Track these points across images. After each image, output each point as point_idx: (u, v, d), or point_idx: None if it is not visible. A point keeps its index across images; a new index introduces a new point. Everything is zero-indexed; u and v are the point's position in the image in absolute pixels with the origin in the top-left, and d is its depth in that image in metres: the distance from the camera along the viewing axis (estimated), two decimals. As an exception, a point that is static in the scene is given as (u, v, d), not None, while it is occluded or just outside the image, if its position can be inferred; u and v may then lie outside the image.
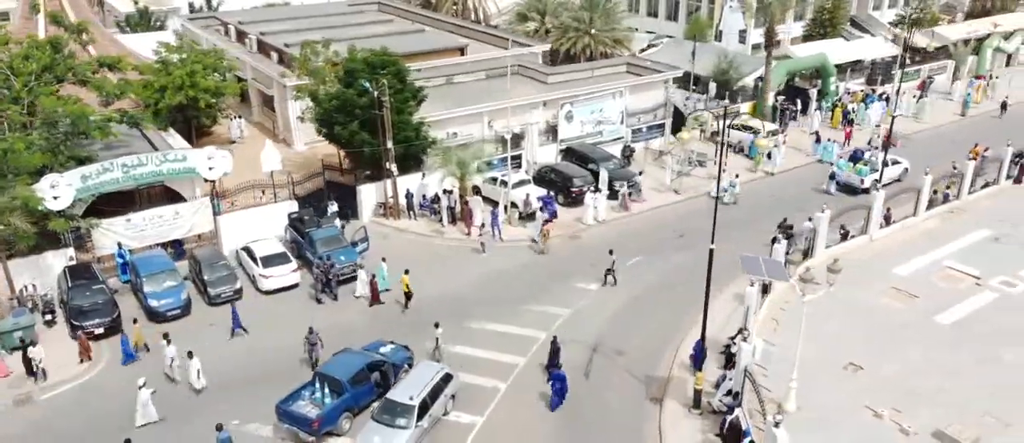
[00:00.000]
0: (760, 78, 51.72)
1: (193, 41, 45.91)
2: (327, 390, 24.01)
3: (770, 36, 50.81)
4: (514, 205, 37.64)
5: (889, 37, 62.11)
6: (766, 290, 29.03)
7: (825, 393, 24.38)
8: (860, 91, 55.11)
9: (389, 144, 35.69)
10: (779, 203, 38.40)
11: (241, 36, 53.20)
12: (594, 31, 57.03)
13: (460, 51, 50.41)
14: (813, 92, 52.12)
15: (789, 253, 31.29)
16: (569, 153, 42.90)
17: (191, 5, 72.31)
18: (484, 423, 24.38)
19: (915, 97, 54.02)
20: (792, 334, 24.10)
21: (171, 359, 26.00)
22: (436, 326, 26.96)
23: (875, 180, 39.27)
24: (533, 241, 35.47)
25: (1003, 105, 53.36)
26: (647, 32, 66.46)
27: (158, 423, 24.23)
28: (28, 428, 24.52)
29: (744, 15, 58.89)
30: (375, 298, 31.00)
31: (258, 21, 55.62)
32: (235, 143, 45.26)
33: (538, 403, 25.20)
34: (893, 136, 41.01)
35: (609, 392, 25.71)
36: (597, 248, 33.79)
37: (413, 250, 34.72)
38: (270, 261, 32.11)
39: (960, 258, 32.86)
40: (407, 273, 30.36)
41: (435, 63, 46.72)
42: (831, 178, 41.09)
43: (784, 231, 32.93)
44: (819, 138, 45.98)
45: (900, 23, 62.17)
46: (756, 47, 59.93)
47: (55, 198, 30.10)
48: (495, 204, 37.73)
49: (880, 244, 34.39)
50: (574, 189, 38.76)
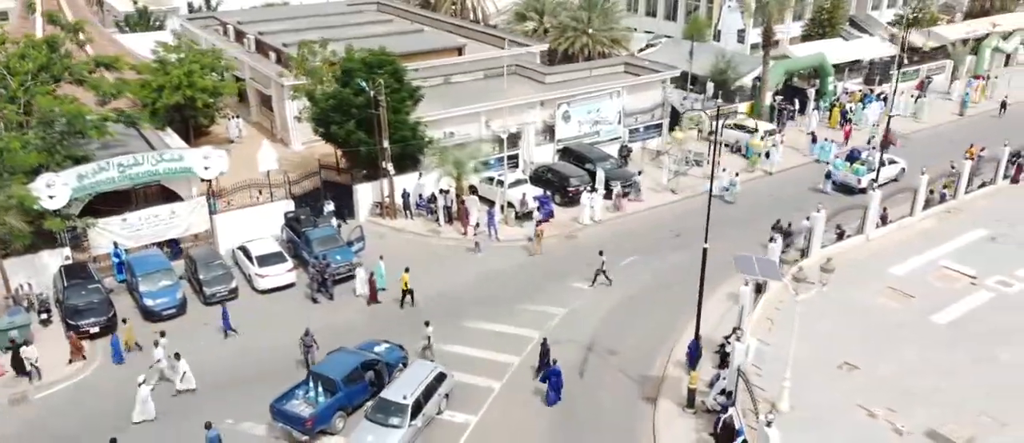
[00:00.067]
0: (758, 78, 51.70)
1: (191, 41, 45.94)
2: (321, 389, 24.01)
3: (768, 36, 50.82)
4: (510, 205, 37.64)
5: (886, 37, 62.04)
6: (760, 289, 29.04)
7: (819, 392, 24.37)
8: (858, 91, 55.09)
9: (385, 144, 35.72)
10: (777, 202, 38.43)
11: (240, 36, 53.28)
12: (592, 31, 56.99)
13: (458, 51, 50.40)
14: (811, 92, 52.13)
15: (785, 252, 31.27)
16: (566, 153, 42.87)
17: (190, 5, 72.40)
18: (478, 422, 24.39)
19: (913, 97, 53.98)
20: (786, 334, 24.10)
21: (157, 361, 25.95)
22: (426, 324, 26.95)
23: (872, 180, 39.28)
24: (529, 240, 35.48)
25: (1003, 104, 53.33)
26: (645, 32, 66.41)
27: (152, 421, 24.26)
28: (23, 427, 24.54)
29: (743, 15, 58.83)
30: (373, 297, 31.02)
31: (257, 21, 55.63)
32: (233, 143, 45.29)
33: (532, 402, 25.21)
34: (892, 136, 40.96)
35: (603, 391, 25.71)
36: (593, 248, 33.73)
37: (409, 250, 34.72)
38: (266, 260, 32.17)
39: (956, 258, 32.84)
40: (407, 271, 30.39)
41: (433, 63, 46.71)
42: (827, 177, 41.10)
43: (781, 231, 32.92)
44: (815, 138, 45.94)
45: (898, 23, 62.09)
46: (754, 47, 59.83)
47: (51, 197, 30.12)
48: (492, 204, 37.76)
49: (876, 244, 34.36)
50: (571, 189, 38.75)
